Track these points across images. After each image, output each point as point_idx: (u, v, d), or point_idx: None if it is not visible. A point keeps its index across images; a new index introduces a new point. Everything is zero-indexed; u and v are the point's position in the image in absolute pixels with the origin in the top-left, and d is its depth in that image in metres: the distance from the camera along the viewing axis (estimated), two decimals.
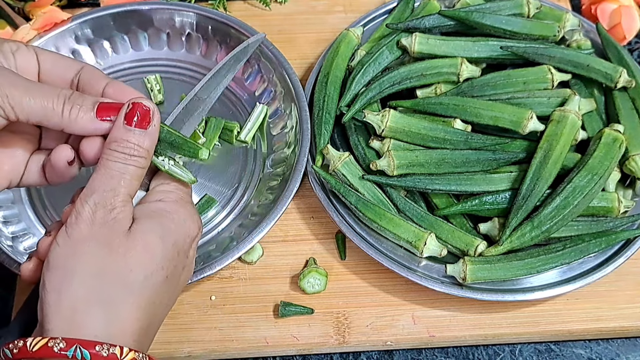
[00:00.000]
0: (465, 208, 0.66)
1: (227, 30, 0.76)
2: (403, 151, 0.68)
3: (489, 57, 0.74)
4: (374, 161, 0.67)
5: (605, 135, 0.67)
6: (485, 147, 0.68)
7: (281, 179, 0.70)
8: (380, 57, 0.74)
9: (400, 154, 0.67)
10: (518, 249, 0.64)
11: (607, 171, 0.66)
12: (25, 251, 0.67)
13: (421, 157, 0.67)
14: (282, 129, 0.74)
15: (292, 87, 0.72)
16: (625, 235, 0.66)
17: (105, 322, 0.45)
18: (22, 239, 0.68)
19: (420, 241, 0.65)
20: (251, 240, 0.64)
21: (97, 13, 0.76)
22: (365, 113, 0.69)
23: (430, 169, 0.67)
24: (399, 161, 0.67)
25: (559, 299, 0.67)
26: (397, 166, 0.66)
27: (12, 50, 0.51)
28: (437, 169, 0.67)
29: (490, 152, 0.67)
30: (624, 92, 0.72)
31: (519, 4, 0.76)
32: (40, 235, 0.69)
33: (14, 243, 0.67)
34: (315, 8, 0.85)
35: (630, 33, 0.79)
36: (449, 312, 0.67)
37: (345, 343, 0.65)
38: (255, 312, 0.67)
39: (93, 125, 0.48)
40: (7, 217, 0.69)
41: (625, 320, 0.66)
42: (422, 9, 0.78)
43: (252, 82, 0.77)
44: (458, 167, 0.67)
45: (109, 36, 0.77)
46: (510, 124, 0.68)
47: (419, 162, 0.67)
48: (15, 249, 0.66)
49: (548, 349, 0.67)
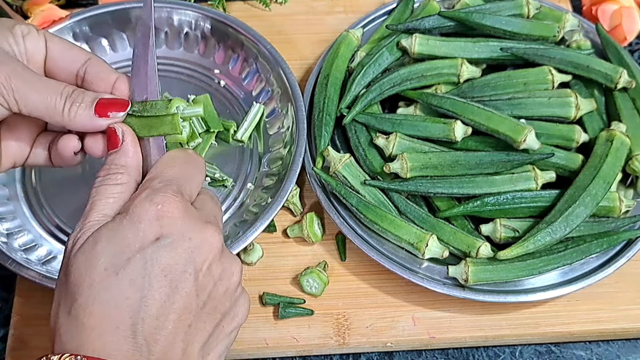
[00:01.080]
0: (467, 209, 0.66)
1: (225, 29, 0.76)
2: (416, 153, 0.67)
3: (489, 58, 0.74)
4: (387, 164, 0.67)
5: (617, 139, 0.67)
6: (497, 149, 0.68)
7: (277, 178, 0.70)
8: (380, 59, 0.74)
9: (414, 157, 0.67)
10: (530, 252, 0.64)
11: (616, 175, 0.66)
12: (20, 248, 0.66)
13: (434, 159, 0.67)
14: (279, 129, 0.73)
15: (289, 87, 0.72)
16: (626, 236, 0.66)
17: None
18: (17, 235, 0.67)
19: (422, 243, 0.65)
20: (245, 240, 0.64)
21: (95, 11, 0.75)
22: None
23: (444, 171, 0.67)
24: (412, 163, 0.66)
25: (560, 300, 0.67)
26: (410, 168, 0.66)
27: (24, 34, 0.50)
28: (450, 171, 0.67)
29: (504, 153, 0.67)
30: (624, 92, 0.72)
31: (518, 5, 0.76)
32: (35, 232, 0.69)
33: (8, 240, 0.66)
34: (315, 9, 0.85)
35: (631, 34, 0.79)
36: (450, 314, 0.66)
37: (345, 344, 0.65)
38: (254, 313, 0.66)
39: (91, 122, 0.48)
40: (2, 214, 0.69)
41: (626, 321, 0.66)
42: (422, 10, 0.78)
43: (249, 82, 0.77)
44: (472, 168, 0.67)
45: (107, 34, 0.77)
46: (508, 138, 0.67)
47: (432, 164, 0.67)
48: (10, 246, 0.65)
49: (548, 351, 0.67)
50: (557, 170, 0.68)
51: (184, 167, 0.47)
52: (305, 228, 0.69)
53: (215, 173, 0.71)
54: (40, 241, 0.68)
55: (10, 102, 0.46)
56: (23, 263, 0.63)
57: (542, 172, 0.67)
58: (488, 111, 0.68)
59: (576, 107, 0.70)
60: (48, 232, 0.69)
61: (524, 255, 0.64)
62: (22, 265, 0.63)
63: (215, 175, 0.71)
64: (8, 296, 0.68)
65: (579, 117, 0.70)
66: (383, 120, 0.70)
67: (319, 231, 0.69)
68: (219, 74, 0.78)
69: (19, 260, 0.63)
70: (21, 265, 0.63)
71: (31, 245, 0.67)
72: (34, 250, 0.67)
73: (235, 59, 0.77)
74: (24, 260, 0.64)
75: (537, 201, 0.66)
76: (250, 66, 0.76)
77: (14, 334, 0.65)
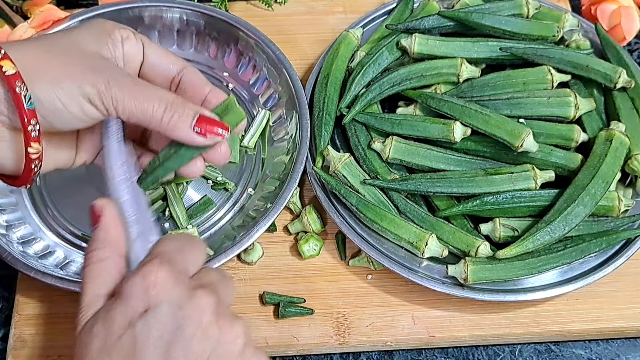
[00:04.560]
0: (467, 209, 0.66)
1: (236, 32, 0.76)
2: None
3: (488, 58, 0.74)
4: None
5: (616, 138, 0.67)
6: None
7: (278, 183, 0.70)
8: (380, 58, 0.74)
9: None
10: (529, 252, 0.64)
11: (616, 175, 0.66)
12: (18, 240, 0.67)
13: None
14: (284, 136, 0.73)
15: (295, 94, 0.72)
16: (625, 235, 0.66)
17: None
18: (16, 228, 0.68)
19: (422, 242, 0.65)
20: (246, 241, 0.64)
21: (96, 11, 0.75)
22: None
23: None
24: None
25: (559, 299, 0.67)
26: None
27: (122, 39, 0.51)
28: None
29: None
30: (624, 92, 0.72)
31: (518, 5, 0.76)
32: (35, 225, 0.69)
33: (7, 232, 0.67)
34: (315, 9, 0.85)
35: (630, 34, 0.79)
36: (449, 313, 0.67)
37: (345, 343, 0.65)
38: (255, 312, 0.66)
39: (189, 136, 0.48)
40: (3, 205, 0.69)
41: (625, 320, 0.66)
42: (422, 10, 0.78)
43: (258, 87, 0.77)
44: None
45: None
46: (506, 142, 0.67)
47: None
48: (8, 239, 0.66)
49: (548, 350, 0.67)
50: (556, 170, 0.69)
51: (178, 244, 0.46)
52: (305, 217, 0.69)
53: (218, 176, 0.71)
54: (39, 234, 0.69)
55: (109, 109, 0.46)
56: (19, 257, 0.63)
57: (541, 171, 0.67)
58: (485, 114, 0.68)
59: (575, 107, 0.70)
60: (48, 225, 0.69)
61: (523, 254, 0.64)
62: (17, 259, 0.63)
63: (217, 178, 0.71)
64: (9, 296, 0.69)
65: (578, 117, 0.70)
66: (382, 120, 0.71)
67: (318, 221, 0.69)
68: (228, 77, 0.78)
69: (15, 255, 0.63)
70: (17, 259, 0.63)
71: (30, 238, 0.68)
72: (31, 244, 0.67)
73: (245, 64, 0.77)
74: (21, 253, 0.64)
75: (536, 200, 0.66)
76: (259, 71, 0.76)
77: (15, 333, 0.65)
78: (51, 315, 0.66)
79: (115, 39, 0.50)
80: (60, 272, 0.64)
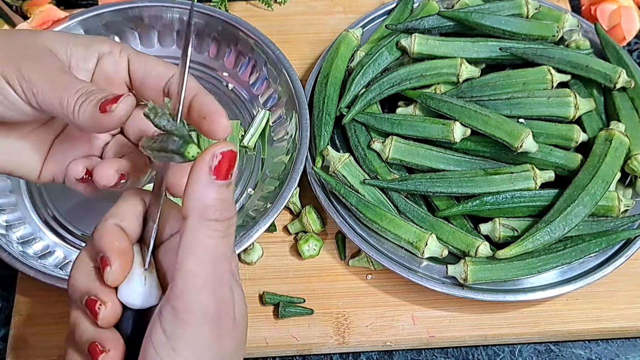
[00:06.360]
0: (466, 209, 0.66)
1: (235, 33, 0.76)
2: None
3: (488, 58, 0.74)
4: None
5: (616, 138, 0.68)
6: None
7: (278, 183, 0.70)
8: (379, 58, 0.74)
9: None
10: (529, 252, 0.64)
11: (615, 175, 0.66)
12: (18, 240, 0.67)
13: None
14: (283, 136, 0.73)
15: (294, 94, 0.72)
16: (625, 235, 0.66)
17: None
18: (16, 228, 0.68)
19: (421, 242, 0.65)
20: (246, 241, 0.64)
21: (95, 11, 0.75)
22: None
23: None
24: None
25: (559, 299, 0.67)
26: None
27: (100, 54, 0.49)
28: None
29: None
30: (623, 92, 0.72)
31: (517, 5, 0.76)
32: (34, 225, 0.69)
33: (7, 232, 0.67)
34: (315, 9, 0.85)
35: (629, 34, 0.79)
36: (449, 313, 0.67)
37: (345, 343, 0.65)
38: (255, 312, 0.66)
39: (93, 120, 0.44)
40: (3, 205, 0.69)
41: (624, 320, 0.66)
42: (421, 10, 0.78)
43: (258, 88, 0.77)
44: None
45: (107, 35, 0.77)
46: (505, 143, 0.67)
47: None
48: (7, 238, 0.66)
49: (548, 350, 0.67)
50: (556, 170, 0.69)
51: None
52: (304, 217, 0.69)
53: None
54: (38, 234, 0.69)
55: (28, 94, 0.44)
56: (19, 257, 0.63)
57: (541, 171, 0.67)
58: (485, 115, 0.68)
59: (575, 107, 0.70)
60: (47, 225, 0.69)
61: (523, 254, 0.64)
62: (17, 259, 0.63)
63: None
64: (9, 296, 0.69)
65: (577, 117, 0.71)
66: (382, 120, 0.71)
67: (318, 221, 0.69)
68: (227, 77, 0.78)
69: (15, 255, 0.63)
70: (16, 259, 0.63)
71: (29, 238, 0.68)
72: (31, 244, 0.67)
73: (245, 64, 0.77)
74: (21, 253, 0.65)
75: (536, 200, 0.66)
76: (259, 71, 0.76)
77: (14, 333, 0.65)
78: (51, 315, 0.66)
79: (90, 53, 0.48)
80: (60, 272, 0.64)
